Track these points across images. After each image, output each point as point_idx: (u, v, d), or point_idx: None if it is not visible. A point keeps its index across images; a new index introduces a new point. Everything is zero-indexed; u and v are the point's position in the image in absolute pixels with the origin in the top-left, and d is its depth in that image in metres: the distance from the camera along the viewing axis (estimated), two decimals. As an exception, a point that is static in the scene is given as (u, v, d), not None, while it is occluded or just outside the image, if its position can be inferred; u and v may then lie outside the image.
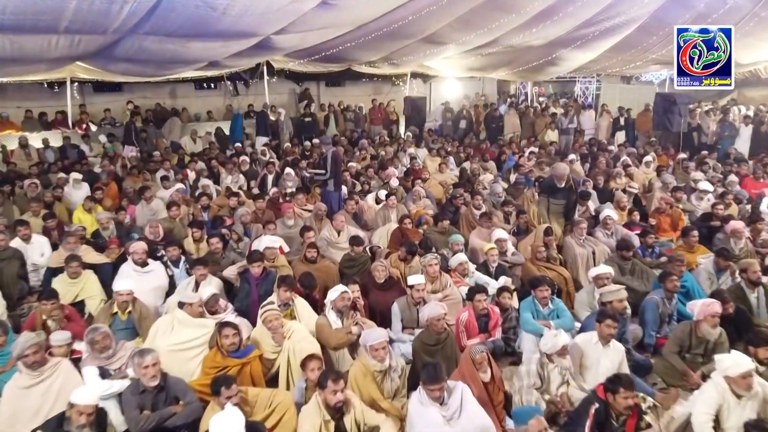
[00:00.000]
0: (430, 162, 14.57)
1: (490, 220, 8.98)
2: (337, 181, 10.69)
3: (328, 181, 10.58)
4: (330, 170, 10.48)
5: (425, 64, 19.91)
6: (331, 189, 10.62)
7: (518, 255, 8.19)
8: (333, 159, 10.50)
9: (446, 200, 11.42)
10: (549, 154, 15.17)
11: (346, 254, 8.05)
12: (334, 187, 10.63)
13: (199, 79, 19.69)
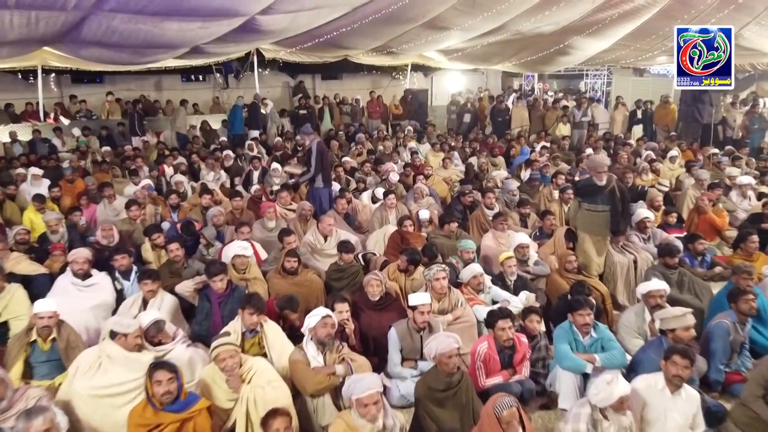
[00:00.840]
0: (433, 157, 13.08)
1: (505, 222, 7.47)
2: (325, 177, 9.19)
3: (316, 177, 9.08)
4: (315, 165, 8.97)
5: (426, 55, 18.44)
6: (319, 186, 9.09)
7: (542, 265, 6.69)
8: (318, 152, 9.01)
9: (453, 199, 9.93)
10: (563, 149, 13.69)
11: (334, 264, 6.56)
12: (323, 184, 9.12)
13: (185, 69, 18.22)
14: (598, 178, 6.64)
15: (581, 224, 6.83)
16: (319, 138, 9.70)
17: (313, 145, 9.00)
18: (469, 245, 6.53)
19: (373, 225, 8.55)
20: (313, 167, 8.95)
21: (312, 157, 8.94)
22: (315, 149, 8.93)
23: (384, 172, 11.05)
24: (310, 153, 8.98)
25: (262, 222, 7.97)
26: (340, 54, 17.17)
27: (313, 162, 8.93)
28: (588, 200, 6.73)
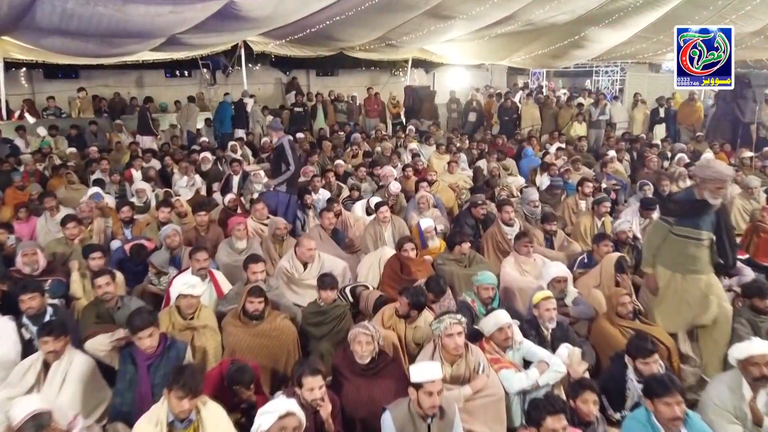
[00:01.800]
0: (437, 160, 11.46)
1: (531, 244, 5.87)
2: (292, 178, 7.76)
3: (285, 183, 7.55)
4: (294, 161, 7.56)
5: (427, 48, 16.83)
6: (281, 189, 7.69)
7: (583, 304, 5.07)
8: (292, 148, 7.68)
9: (461, 210, 8.32)
10: (580, 151, 12.08)
11: (312, 304, 4.95)
12: (285, 188, 7.65)
13: (169, 64, 16.64)
14: (713, 195, 4.60)
15: (667, 256, 4.89)
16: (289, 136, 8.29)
17: (285, 141, 7.49)
18: (488, 279, 4.90)
19: (366, 243, 6.95)
20: (293, 163, 7.51)
21: (288, 154, 7.46)
22: (288, 145, 7.40)
23: (382, 177, 9.46)
24: (282, 150, 7.44)
25: (230, 242, 6.37)
26: (335, 47, 15.56)
27: (291, 158, 7.48)
28: (685, 223, 4.78)
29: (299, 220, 8.04)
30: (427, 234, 6.40)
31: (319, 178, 8.94)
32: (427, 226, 6.38)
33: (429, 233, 6.39)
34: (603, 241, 5.95)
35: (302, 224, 8.03)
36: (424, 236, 6.42)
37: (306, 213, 8.06)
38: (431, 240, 6.33)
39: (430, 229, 6.38)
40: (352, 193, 8.86)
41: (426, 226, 6.39)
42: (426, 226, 6.39)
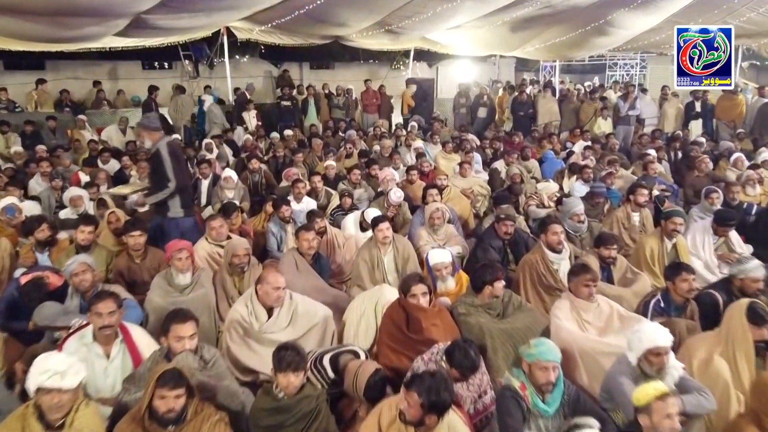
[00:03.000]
0: (444, 161, 9.60)
1: (595, 283, 3.97)
2: (185, 198, 5.60)
3: (169, 201, 5.47)
4: (175, 175, 5.39)
5: (430, 38, 14.92)
6: (177, 214, 5.50)
7: (697, 390, 3.15)
8: (173, 156, 5.41)
9: (478, 224, 6.43)
10: (612, 150, 10.19)
11: (265, 396, 3.05)
12: (182, 210, 5.53)
13: (146, 54, 14.78)
14: None
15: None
16: (170, 138, 5.79)
17: (162, 147, 5.38)
18: (549, 354, 2.98)
19: (359, 272, 5.08)
20: (173, 179, 5.36)
21: (165, 165, 5.35)
22: (166, 151, 5.37)
23: (381, 181, 7.59)
24: (159, 159, 5.38)
25: (168, 276, 4.49)
26: (329, 34, 13.64)
27: (171, 170, 5.36)
28: None
29: (275, 239, 6.17)
30: (437, 272, 4.49)
31: (304, 184, 7.06)
32: (438, 262, 4.47)
33: (439, 272, 4.48)
34: (682, 274, 4.05)
35: (278, 245, 6.16)
36: (434, 274, 4.52)
37: (284, 230, 6.18)
38: (443, 282, 4.44)
39: (443, 266, 4.47)
40: (343, 202, 6.97)
41: (437, 262, 4.48)
42: (437, 262, 4.48)
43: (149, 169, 5.83)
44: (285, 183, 8.01)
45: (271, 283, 3.99)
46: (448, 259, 4.47)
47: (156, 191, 5.41)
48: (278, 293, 4.00)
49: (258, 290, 4.05)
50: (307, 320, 4.10)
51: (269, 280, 4.00)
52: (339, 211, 6.95)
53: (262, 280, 4.04)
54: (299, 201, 6.96)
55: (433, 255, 4.51)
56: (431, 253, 4.55)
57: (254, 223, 6.74)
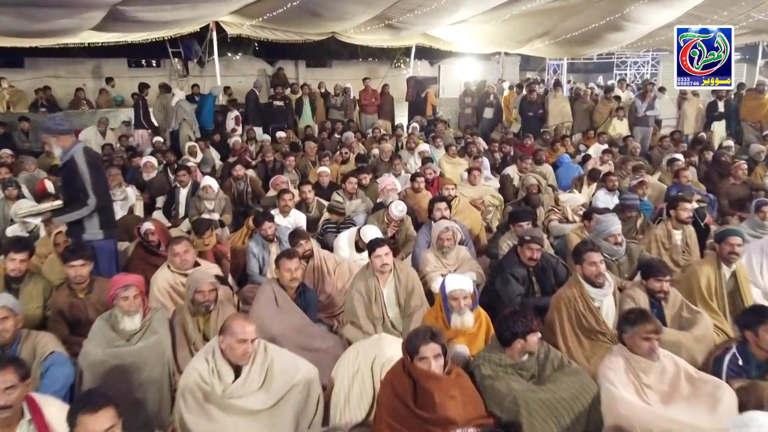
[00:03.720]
0: (448, 166, 8.66)
1: (656, 336, 3.01)
2: (105, 217, 4.51)
3: (85, 221, 4.38)
4: (93, 190, 4.31)
5: (433, 34, 13.96)
6: (96, 236, 4.40)
7: None
8: (91, 166, 4.35)
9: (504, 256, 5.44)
10: (633, 154, 9.24)
11: None
12: (101, 231, 4.44)
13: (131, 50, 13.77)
14: None
15: None
16: (81, 142, 4.68)
17: (77, 154, 4.31)
18: None
19: (353, 308, 4.12)
20: (92, 194, 4.29)
21: (82, 177, 4.28)
22: (82, 160, 4.31)
23: (380, 191, 6.63)
24: (73, 169, 4.30)
25: (112, 319, 3.54)
26: (325, 30, 12.70)
27: (88, 185, 4.28)
28: None
29: (256, 261, 5.21)
30: (453, 302, 3.55)
31: (291, 195, 6.09)
32: (456, 289, 3.52)
33: (457, 302, 3.53)
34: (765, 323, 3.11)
35: (261, 267, 5.21)
36: (448, 304, 3.57)
37: (267, 250, 5.22)
38: (459, 315, 3.48)
39: (462, 295, 3.52)
40: (334, 217, 6.00)
41: (455, 289, 3.53)
42: (455, 289, 3.53)
43: (61, 182, 4.74)
44: (273, 192, 7.07)
45: (236, 335, 3.03)
46: (469, 287, 3.52)
47: (70, 209, 4.33)
48: (245, 348, 3.05)
49: (222, 341, 3.10)
50: (285, 381, 3.14)
51: (234, 330, 3.04)
52: (330, 226, 5.99)
53: (226, 329, 3.08)
54: (286, 215, 6.01)
55: (452, 281, 3.56)
56: (449, 278, 3.59)
57: (234, 240, 5.78)
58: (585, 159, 9.28)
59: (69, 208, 4.34)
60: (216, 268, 4.52)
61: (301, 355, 3.62)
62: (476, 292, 3.58)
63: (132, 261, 4.98)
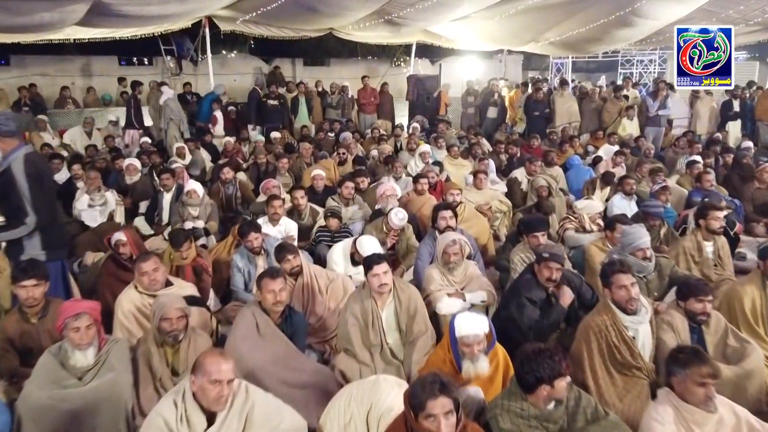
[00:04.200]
0: (451, 168, 8.12)
1: (713, 380, 2.46)
2: (48, 237, 3.81)
3: (25, 240, 3.70)
4: (33, 205, 3.65)
5: (434, 31, 13.42)
6: (36, 258, 3.65)
7: None
8: (32, 178, 3.68)
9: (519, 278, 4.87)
10: (647, 155, 8.70)
11: None
12: (43, 251, 3.76)
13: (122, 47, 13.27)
14: None
15: None
16: (26, 146, 3.90)
17: (15, 163, 3.63)
18: None
19: (348, 334, 3.58)
20: (32, 212, 3.65)
21: (19, 190, 3.62)
22: (20, 171, 3.64)
23: (379, 197, 6.07)
24: (10, 180, 3.62)
25: (62, 353, 2.98)
26: (322, 26, 12.15)
27: (26, 201, 3.63)
28: None
29: (241, 275, 4.66)
30: (465, 349, 2.95)
31: (281, 201, 5.53)
32: (469, 334, 2.90)
33: (469, 348, 2.93)
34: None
35: (246, 283, 4.66)
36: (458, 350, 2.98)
37: (253, 263, 4.67)
38: (473, 362, 2.91)
39: (475, 340, 2.91)
40: (328, 223, 5.45)
41: (467, 334, 2.91)
42: (467, 334, 2.91)
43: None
44: (261, 198, 6.52)
45: (209, 374, 2.49)
46: (482, 329, 2.94)
47: (5, 227, 3.73)
48: (219, 391, 2.50)
49: (192, 384, 2.55)
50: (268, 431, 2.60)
51: (207, 369, 2.50)
52: (324, 234, 5.44)
53: (198, 368, 2.53)
54: (275, 223, 5.46)
55: (463, 324, 2.96)
56: (460, 320, 3.00)
57: (218, 251, 5.22)
58: (596, 161, 8.74)
59: (4, 227, 3.74)
60: (191, 287, 3.96)
61: (286, 391, 3.10)
62: (492, 330, 3.01)
63: (101, 276, 4.43)
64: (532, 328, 3.59)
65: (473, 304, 4.02)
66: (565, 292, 3.68)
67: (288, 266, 4.06)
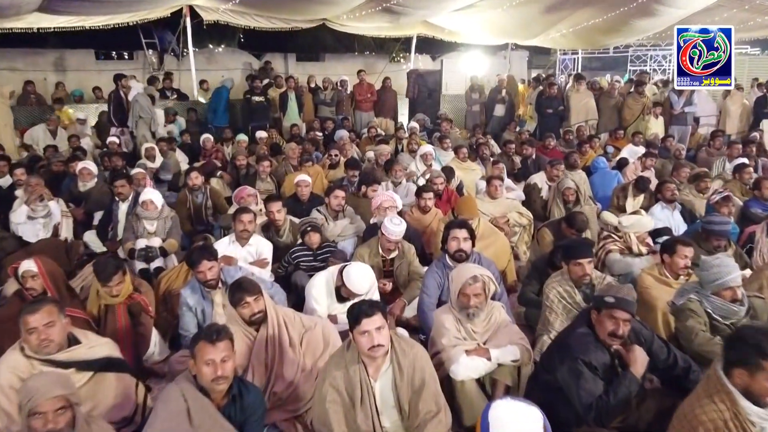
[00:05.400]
0: (460, 172, 6.90)
1: None
2: None
3: None
4: None
5: (435, 23, 12.28)
6: None
7: None
8: None
9: (569, 333, 3.74)
10: (677, 158, 7.57)
11: None
12: None
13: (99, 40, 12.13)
14: None
15: None
16: None
17: None
18: None
19: (325, 416, 2.45)
20: None
21: None
22: None
23: (374, 209, 4.93)
24: None
25: None
26: (314, 15, 11.01)
27: None
28: None
29: (192, 315, 3.52)
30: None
31: (251, 216, 4.37)
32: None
33: None
34: None
35: (200, 326, 3.51)
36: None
37: (208, 299, 3.53)
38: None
39: None
40: (308, 239, 4.30)
41: None
42: None
43: None
44: (233, 207, 5.36)
45: None
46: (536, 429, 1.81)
47: None
48: None
49: None
50: None
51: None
52: (302, 254, 4.29)
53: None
54: (245, 242, 4.31)
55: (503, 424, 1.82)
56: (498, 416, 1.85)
57: (170, 278, 4.05)
58: (621, 164, 7.64)
59: None
60: (108, 345, 2.81)
61: None
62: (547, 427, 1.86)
63: (2, 320, 3.28)
64: (594, 407, 2.46)
65: (500, 363, 2.89)
66: (637, 356, 2.56)
67: (247, 312, 2.92)
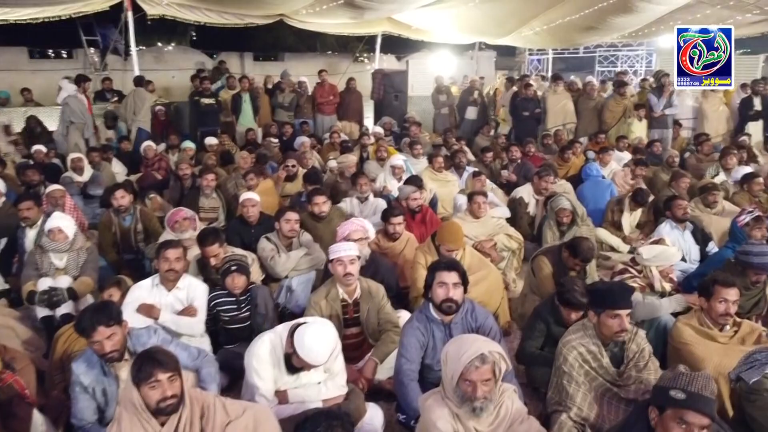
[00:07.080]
0: (435, 184, 6.05)
1: None
2: None
3: None
4: None
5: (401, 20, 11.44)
6: None
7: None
8: None
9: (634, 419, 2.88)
10: (670, 164, 6.87)
11: None
12: None
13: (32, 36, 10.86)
14: None
15: None
16: None
17: None
18: None
19: None
20: None
21: None
22: None
23: (339, 240, 3.99)
24: None
25: None
26: (270, 11, 10.03)
27: None
28: None
29: (89, 397, 2.55)
30: None
31: (179, 254, 3.38)
32: None
33: None
34: None
35: (101, 411, 2.54)
36: None
37: (111, 376, 2.56)
38: None
39: None
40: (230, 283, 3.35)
41: None
42: None
43: None
44: (170, 234, 4.37)
45: None
46: None
47: None
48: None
49: None
50: None
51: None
52: (223, 301, 3.35)
53: None
54: (172, 285, 3.34)
55: None
56: None
57: (69, 337, 3.06)
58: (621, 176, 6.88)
59: None
60: None
61: None
62: None
63: None
64: None
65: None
66: None
67: (155, 396, 1.98)
